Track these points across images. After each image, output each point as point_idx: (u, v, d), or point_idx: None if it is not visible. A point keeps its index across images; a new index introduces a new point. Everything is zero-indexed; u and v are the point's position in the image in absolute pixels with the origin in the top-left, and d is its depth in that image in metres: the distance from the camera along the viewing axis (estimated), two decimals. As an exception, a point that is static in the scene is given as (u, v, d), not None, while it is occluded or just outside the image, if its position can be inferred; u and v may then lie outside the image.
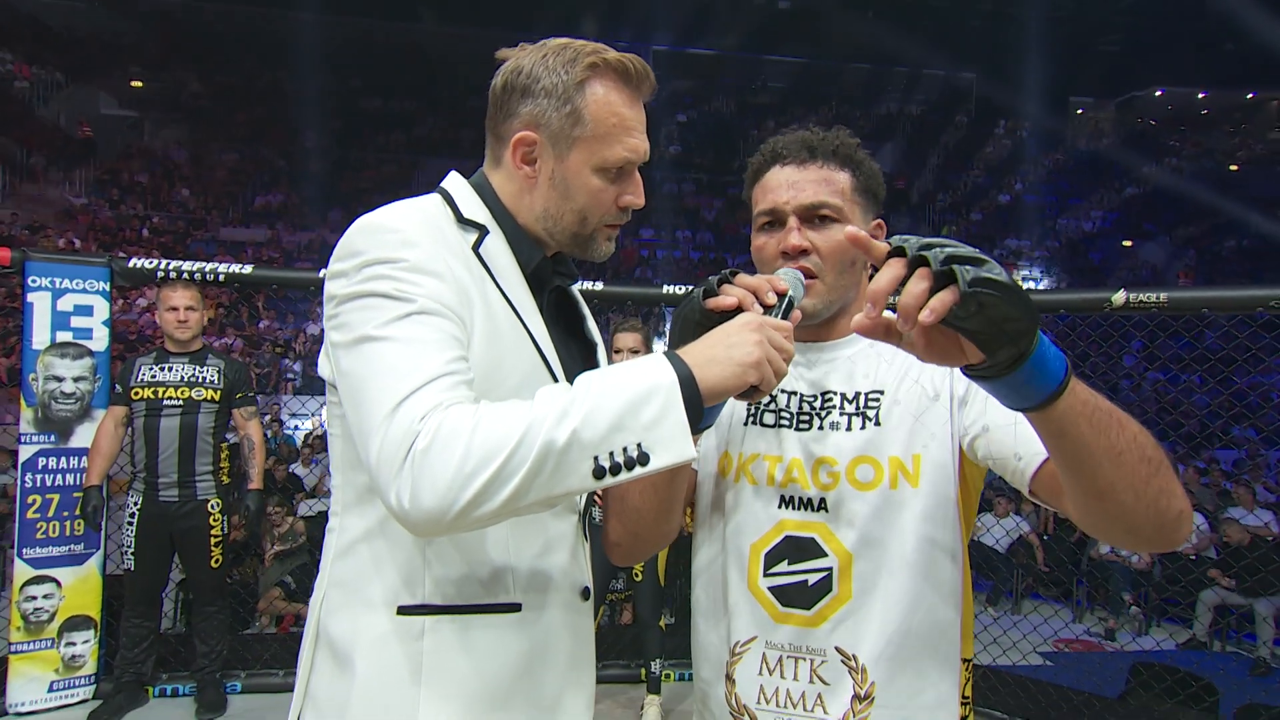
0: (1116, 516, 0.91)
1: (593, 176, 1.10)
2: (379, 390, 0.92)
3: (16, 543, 3.64)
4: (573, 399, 0.89)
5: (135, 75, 20.63)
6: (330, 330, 1.01)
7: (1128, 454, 0.87)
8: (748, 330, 0.96)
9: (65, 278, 3.70)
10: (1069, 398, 0.82)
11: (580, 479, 0.88)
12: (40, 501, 3.65)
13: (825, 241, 1.16)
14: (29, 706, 3.65)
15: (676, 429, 0.90)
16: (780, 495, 1.19)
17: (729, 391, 0.94)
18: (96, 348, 3.76)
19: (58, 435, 3.69)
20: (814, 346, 1.25)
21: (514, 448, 0.86)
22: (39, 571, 3.67)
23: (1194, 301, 3.13)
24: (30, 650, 3.66)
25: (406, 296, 0.97)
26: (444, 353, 0.95)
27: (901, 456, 1.14)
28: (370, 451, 0.91)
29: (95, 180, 17.69)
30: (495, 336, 1.06)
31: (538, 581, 1.12)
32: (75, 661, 3.74)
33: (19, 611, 3.64)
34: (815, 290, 1.17)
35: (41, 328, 3.65)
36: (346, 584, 1.08)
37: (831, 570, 1.14)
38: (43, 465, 3.67)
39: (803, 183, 1.17)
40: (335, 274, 1.02)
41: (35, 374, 3.64)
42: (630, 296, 4.27)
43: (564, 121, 1.09)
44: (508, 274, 1.12)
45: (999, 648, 4.45)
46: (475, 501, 0.86)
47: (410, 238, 1.01)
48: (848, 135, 1.21)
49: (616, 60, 1.10)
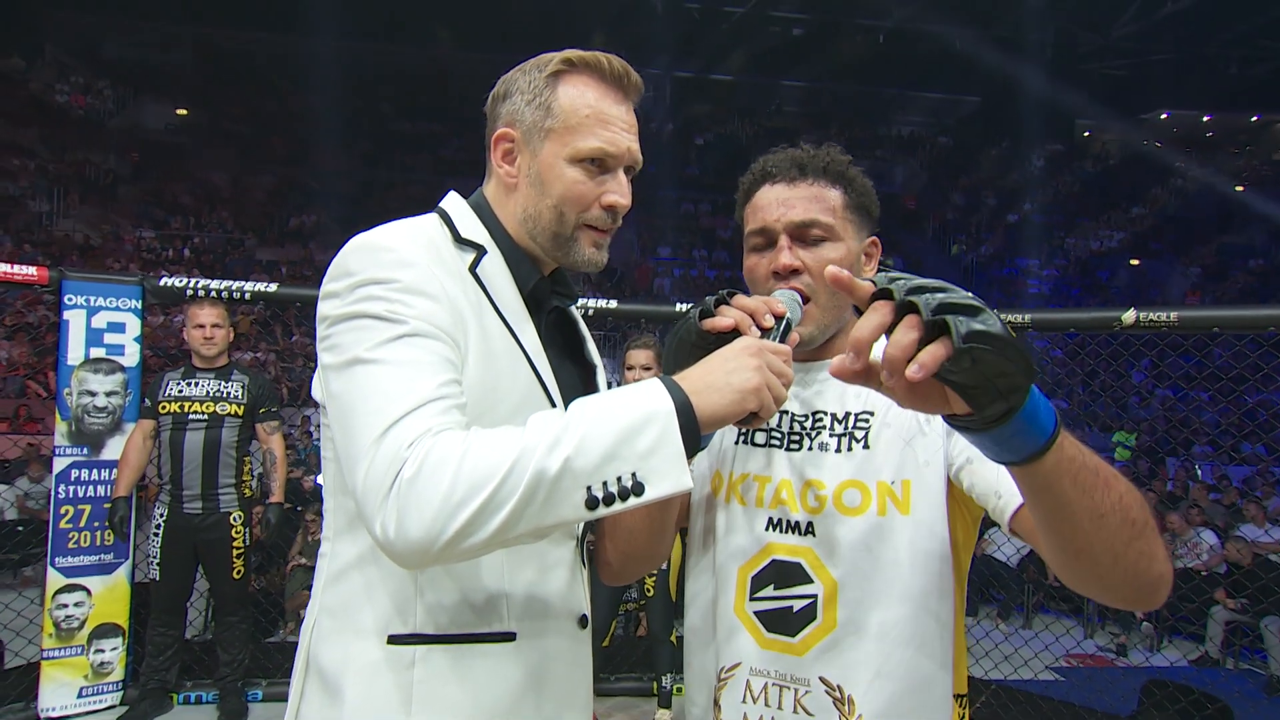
0: (1092, 576, 0.84)
1: (568, 168, 1.04)
2: (367, 414, 0.87)
3: (49, 552, 3.63)
4: (566, 426, 0.83)
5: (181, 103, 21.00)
6: (322, 352, 0.96)
7: (1110, 516, 0.79)
8: (747, 355, 0.90)
9: (99, 296, 3.71)
10: (1054, 455, 0.74)
11: (573, 509, 0.82)
12: (73, 512, 3.65)
13: (817, 261, 1.10)
14: (59, 711, 3.63)
15: (673, 458, 0.84)
16: (768, 517, 1.12)
17: (727, 419, 0.88)
18: (128, 363, 3.76)
19: (90, 448, 3.69)
20: (806, 365, 1.18)
21: (504, 477, 0.80)
22: (70, 580, 3.66)
23: (1205, 320, 3.03)
24: (61, 657, 3.64)
25: (399, 318, 0.92)
26: (436, 376, 0.90)
27: (890, 483, 1.06)
28: (357, 478, 0.85)
29: (142, 202, 17.97)
30: (490, 359, 1.00)
31: (534, 609, 1.06)
32: (104, 668, 3.71)
33: (51, 619, 3.62)
34: (810, 316, 1.11)
35: (76, 344, 3.66)
36: (337, 611, 1.03)
37: (816, 597, 1.07)
38: (75, 477, 3.66)
39: (793, 200, 1.11)
40: (328, 294, 0.97)
41: (70, 389, 3.64)
42: (643, 314, 4.21)
43: (536, 115, 1.04)
44: (505, 294, 1.06)
45: (1010, 665, 4.31)
46: (463, 532, 0.80)
47: (405, 258, 0.96)
48: (839, 152, 1.14)
49: (591, 57, 1.05)
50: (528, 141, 1.05)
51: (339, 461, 0.93)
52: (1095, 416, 9.36)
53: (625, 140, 1.06)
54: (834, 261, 1.10)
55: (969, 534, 1.11)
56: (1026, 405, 0.70)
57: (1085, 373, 6.04)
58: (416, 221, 1.06)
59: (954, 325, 0.64)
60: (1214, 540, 7.02)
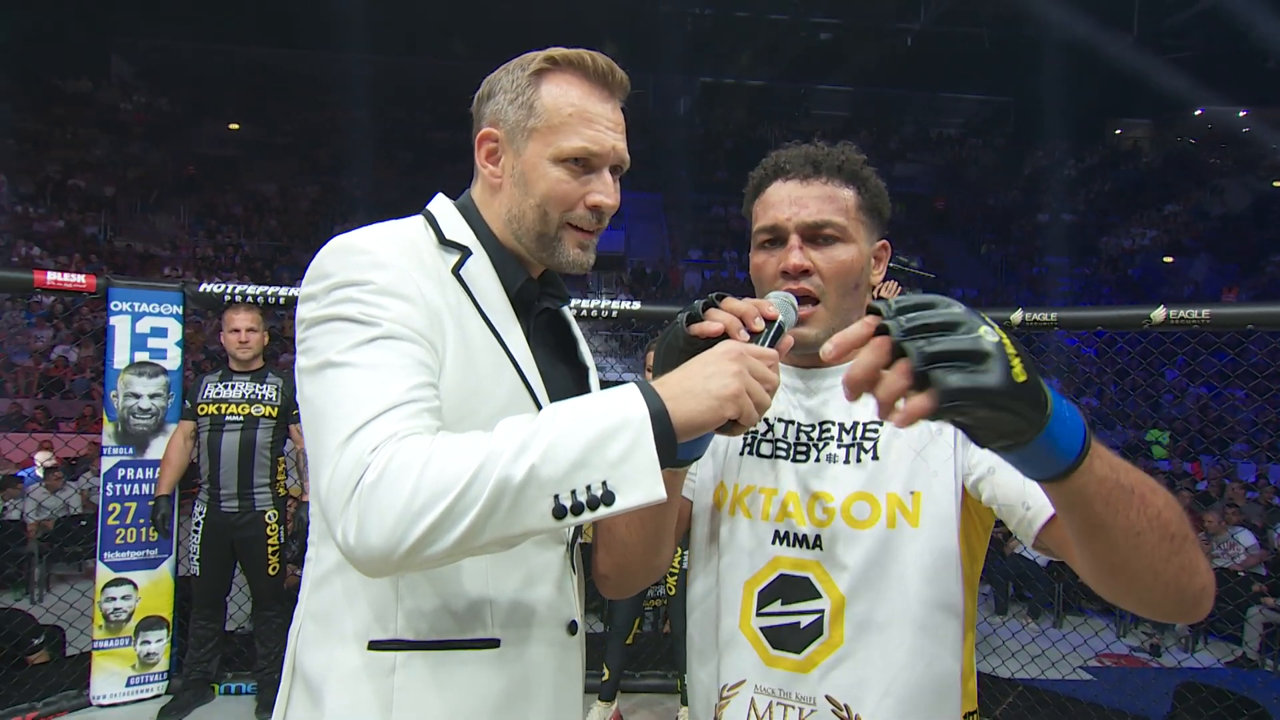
0: (1130, 592, 0.78)
1: (551, 167, 0.99)
2: (335, 419, 0.83)
3: (99, 547, 3.70)
4: (534, 432, 0.78)
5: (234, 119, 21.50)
6: (299, 355, 0.93)
7: (1147, 534, 0.73)
8: (726, 360, 0.84)
9: (143, 302, 3.77)
10: (1081, 477, 0.68)
11: (539, 518, 0.77)
12: (119, 509, 3.71)
13: (827, 262, 1.04)
14: (109, 699, 3.70)
15: (645, 467, 0.78)
16: (775, 530, 1.05)
17: (705, 426, 0.82)
18: (170, 366, 3.81)
19: (135, 448, 3.74)
20: (813, 373, 1.11)
21: (466, 484, 0.75)
22: (118, 574, 3.72)
23: (1236, 318, 2.88)
24: (110, 647, 3.71)
25: (372, 320, 0.88)
26: (407, 379, 0.85)
27: (900, 494, 1.00)
28: (321, 483, 0.82)
29: (196, 213, 18.42)
30: (470, 362, 0.96)
31: (519, 616, 1.01)
32: (150, 659, 3.77)
33: (100, 611, 3.69)
34: (817, 318, 1.04)
35: (122, 348, 3.72)
36: (320, 617, 0.99)
37: (824, 613, 1.00)
38: (122, 475, 3.72)
39: (806, 199, 1.04)
40: (306, 296, 0.94)
41: (116, 391, 3.71)
42: (667, 315, 4.15)
43: (519, 114, 1.00)
44: (490, 296, 1.01)
45: (1038, 666, 4.17)
46: (424, 541, 0.76)
47: (380, 259, 0.92)
48: (854, 151, 1.08)
49: (574, 55, 1.00)
50: (511, 141, 1.01)
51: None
52: (1127, 415, 9.06)
53: (610, 139, 1.01)
54: (844, 263, 1.04)
55: (980, 545, 1.04)
56: (1042, 435, 0.65)
57: (1116, 371, 5.83)
58: (399, 224, 1.02)
59: (936, 382, 0.60)
60: (1251, 540, 6.74)
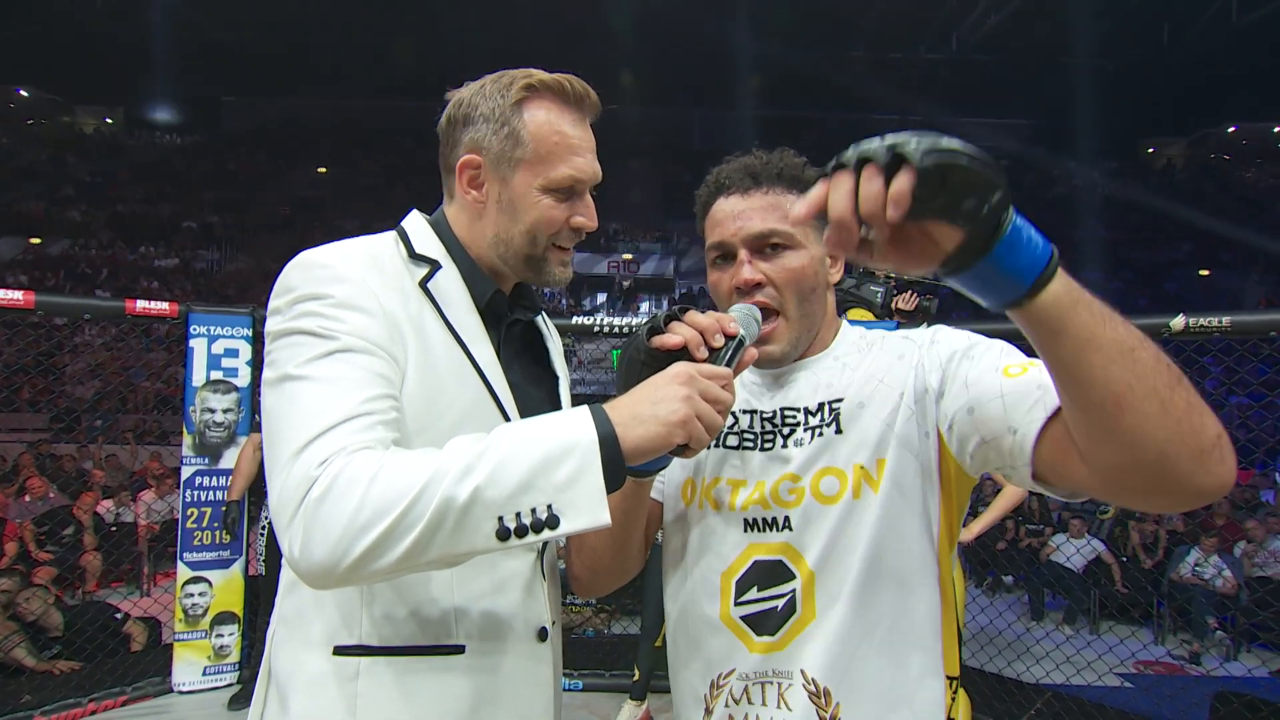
0: (1142, 438, 0.64)
1: (541, 196, 0.95)
2: (289, 431, 0.79)
3: (179, 548, 3.80)
4: (481, 453, 0.73)
5: (322, 163, 22.40)
6: (264, 368, 0.89)
7: (1141, 350, 0.64)
8: (676, 384, 0.78)
9: (218, 325, 3.88)
10: (1061, 282, 0.63)
11: (483, 539, 0.72)
12: (197, 514, 3.80)
13: (779, 271, 0.96)
14: (189, 687, 3.78)
15: (591, 492, 0.73)
16: (744, 519, 0.98)
17: (655, 452, 0.77)
18: (241, 384, 3.91)
19: (210, 458, 3.84)
20: (779, 369, 1.03)
21: (411, 502, 0.71)
22: (196, 573, 3.80)
23: (1259, 325, 2.65)
24: (189, 640, 3.79)
25: (330, 334, 0.83)
26: (362, 391, 0.80)
27: (865, 463, 0.92)
28: (272, 494, 0.78)
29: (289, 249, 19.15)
30: (431, 370, 0.90)
31: (486, 623, 0.95)
32: (223, 651, 3.83)
33: (181, 607, 3.78)
34: (779, 333, 0.97)
35: (199, 367, 3.83)
36: (290, 620, 0.94)
37: (795, 591, 0.93)
38: (199, 483, 3.82)
39: (748, 211, 0.98)
40: (272, 311, 0.90)
41: (194, 406, 3.81)
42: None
43: (504, 144, 0.94)
44: (458, 307, 0.96)
45: (1072, 667, 3.89)
46: (367, 556, 0.71)
47: (340, 273, 0.88)
48: (793, 156, 1.00)
49: (553, 80, 0.95)
50: (496, 169, 0.97)
51: None
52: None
53: (592, 165, 0.98)
54: (797, 270, 0.97)
55: (960, 505, 0.95)
56: (1013, 221, 0.61)
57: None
58: (366, 239, 0.98)
59: (909, 151, 0.57)
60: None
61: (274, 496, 0.77)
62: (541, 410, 1.05)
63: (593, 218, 1.00)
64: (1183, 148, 24.17)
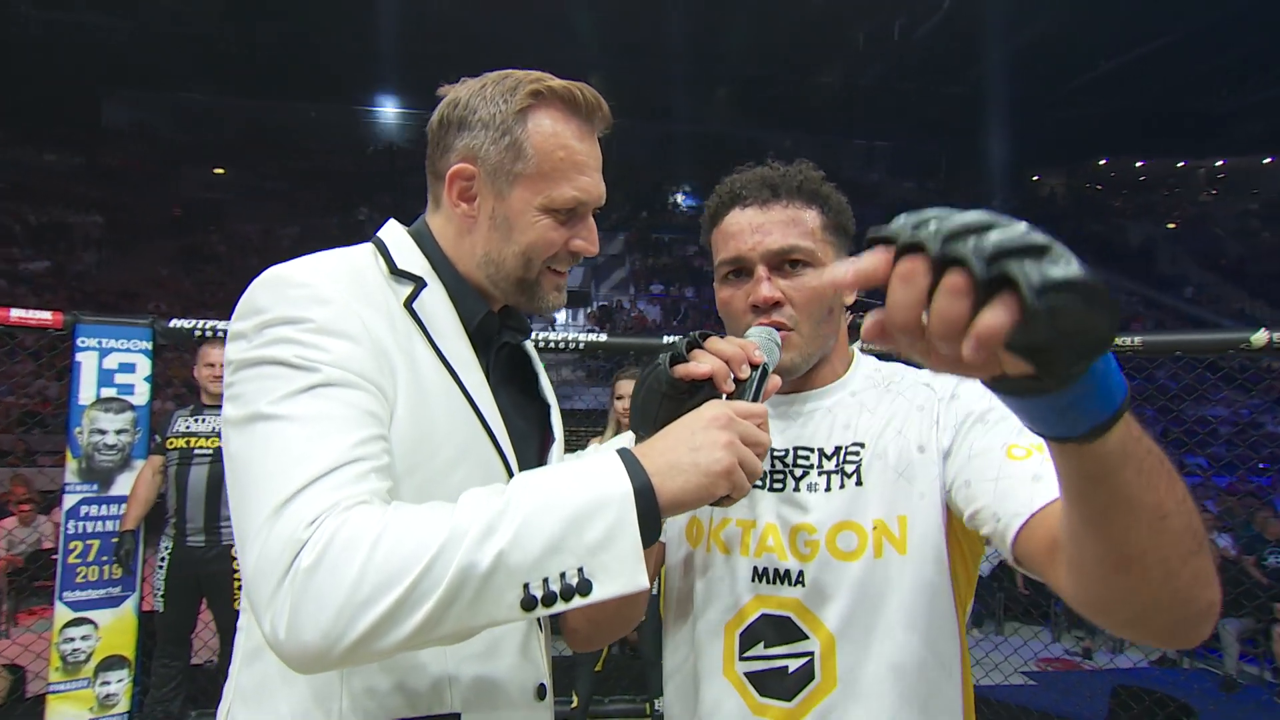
0: (1133, 596, 0.60)
1: (540, 216, 0.85)
2: (265, 482, 0.66)
3: (57, 586, 3.37)
4: (503, 510, 0.63)
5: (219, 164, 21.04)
6: (226, 402, 0.75)
7: (1174, 518, 0.55)
8: (716, 429, 0.70)
9: (111, 338, 3.50)
10: (1122, 430, 0.50)
11: (505, 610, 0.62)
12: (81, 547, 3.39)
13: (798, 290, 0.90)
14: (67, 742, 3.34)
15: (626, 552, 0.64)
16: (754, 567, 0.91)
17: (694, 505, 0.68)
18: (138, 402, 3.53)
19: (100, 484, 3.45)
20: (790, 399, 0.97)
21: (424, 569, 0.60)
22: (78, 614, 3.39)
23: (1166, 345, 2.87)
24: (67, 690, 3.36)
25: (310, 365, 0.71)
26: (351, 433, 0.69)
27: (886, 519, 0.86)
28: (247, 560, 0.64)
29: (181, 253, 17.88)
30: (423, 404, 0.79)
31: (482, 688, 0.84)
32: (109, 700, 3.43)
33: (58, 653, 3.35)
34: (791, 343, 0.91)
35: (88, 384, 3.44)
36: (250, 697, 0.80)
37: (813, 654, 0.86)
38: (85, 513, 3.41)
39: (768, 225, 0.91)
40: (235, 335, 0.77)
41: (80, 427, 3.42)
42: (631, 346, 4.01)
43: (503, 155, 0.84)
44: (447, 331, 0.85)
45: (982, 670, 4.07)
46: (370, 635, 0.60)
47: (320, 293, 0.75)
48: (811, 169, 0.95)
49: (563, 88, 0.84)
50: (492, 181, 0.86)
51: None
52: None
53: (599, 185, 0.88)
54: (816, 289, 0.91)
55: (972, 568, 0.91)
56: (1102, 362, 0.47)
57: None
58: (343, 252, 0.86)
59: (1022, 278, 0.40)
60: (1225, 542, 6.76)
61: (248, 565, 0.64)
62: (531, 444, 0.96)
63: (594, 242, 0.90)
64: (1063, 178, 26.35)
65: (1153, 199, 25.20)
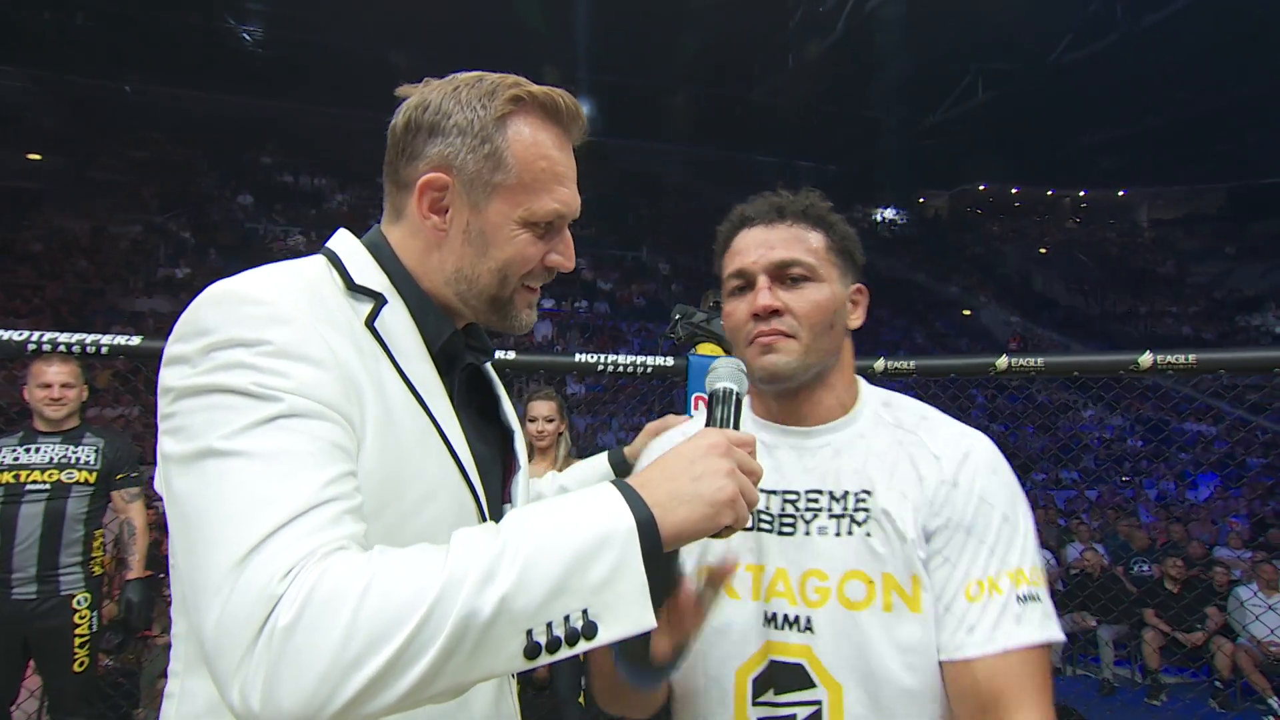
0: None
1: (519, 230, 0.83)
2: (224, 528, 0.60)
3: None
4: (500, 553, 0.60)
5: (34, 149, 19.04)
6: (164, 435, 0.68)
7: None
8: (715, 456, 0.70)
9: (-86, 352, 3.07)
10: None
11: (506, 660, 0.60)
12: None
13: (799, 301, 0.95)
14: None
15: (633, 592, 0.63)
16: (764, 612, 0.93)
17: (697, 537, 0.69)
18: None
19: (-103, 528, 2.99)
20: (796, 431, 1.00)
21: (421, 621, 0.57)
22: None
23: (1067, 365, 3.12)
24: None
25: (269, 394, 0.65)
26: (321, 471, 0.64)
27: (896, 575, 0.90)
28: (206, 620, 0.58)
29: (-14, 251, 15.99)
30: (393, 435, 0.74)
31: None
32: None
33: None
34: (789, 348, 0.94)
35: (-117, 407, 3.00)
36: None
37: (821, 705, 0.89)
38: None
39: (772, 241, 0.98)
40: (174, 358, 0.69)
41: None
42: (541, 365, 3.95)
43: (482, 164, 0.81)
44: (410, 353, 0.81)
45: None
46: (359, 699, 0.56)
47: (279, 312, 0.69)
48: (819, 197, 1.02)
49: (544, 94, 0.83)
50: (468, 192, 0.82)
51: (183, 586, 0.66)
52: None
53: (577, 198, 0.88)
54: (817, 303, 0.96)
55: None
56: None
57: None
58: (296, 265, 0.80)
59: None
60: (1049, 558, 7.40)
61: (209, 624, 0.58)
62: (494, 472, 0.93)
63: (570, 257, 0.89)
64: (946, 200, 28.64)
65: (1025, 224, 27.91)
